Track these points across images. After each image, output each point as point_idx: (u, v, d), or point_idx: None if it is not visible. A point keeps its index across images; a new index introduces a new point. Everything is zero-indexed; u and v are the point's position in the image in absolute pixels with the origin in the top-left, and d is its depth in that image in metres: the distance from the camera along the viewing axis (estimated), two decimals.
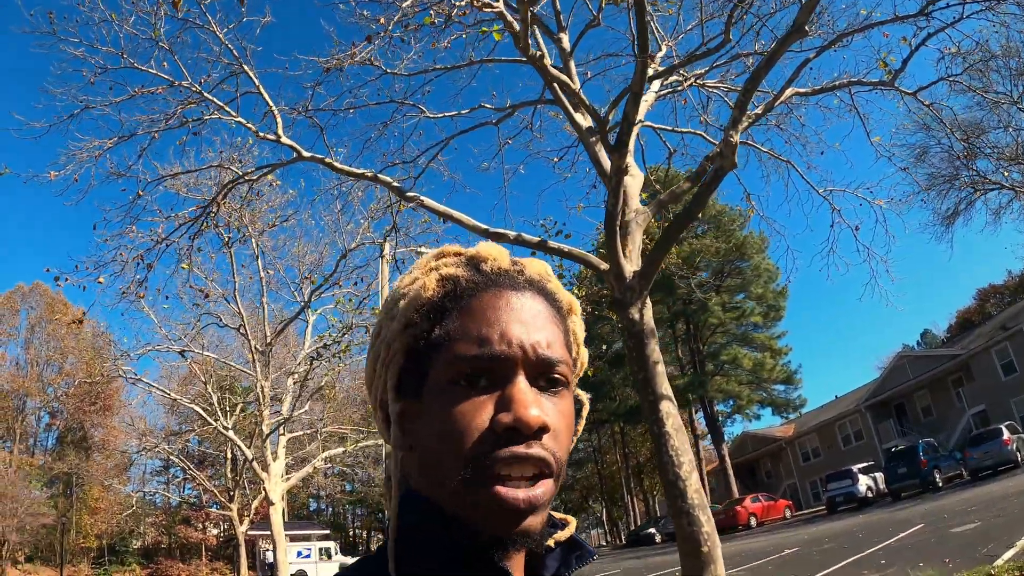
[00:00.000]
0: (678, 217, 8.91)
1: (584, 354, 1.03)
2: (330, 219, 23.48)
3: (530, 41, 8.62)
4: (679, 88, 13.16)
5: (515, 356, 0.86)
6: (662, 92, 12.78)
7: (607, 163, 10.51)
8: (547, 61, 9.17)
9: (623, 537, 65.44)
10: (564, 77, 9.39)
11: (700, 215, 9.28)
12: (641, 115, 11.77)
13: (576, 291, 14.17)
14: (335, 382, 28.66)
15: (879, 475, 36.13)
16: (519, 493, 0.82)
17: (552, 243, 9.54)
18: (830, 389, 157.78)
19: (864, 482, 35.68)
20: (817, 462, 54.22)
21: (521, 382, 0.85)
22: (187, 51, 11.77)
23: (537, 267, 0.97)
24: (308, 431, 30.68)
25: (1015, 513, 15.03)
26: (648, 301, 8.68)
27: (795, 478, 57.09)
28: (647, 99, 11.96)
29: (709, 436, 57.79)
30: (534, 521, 0.83)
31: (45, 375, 62.19)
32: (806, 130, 14.31)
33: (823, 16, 12.48)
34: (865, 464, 37.85)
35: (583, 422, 1.03)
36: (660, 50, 12.54)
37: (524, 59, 9.35)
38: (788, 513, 44.32)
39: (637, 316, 8.45)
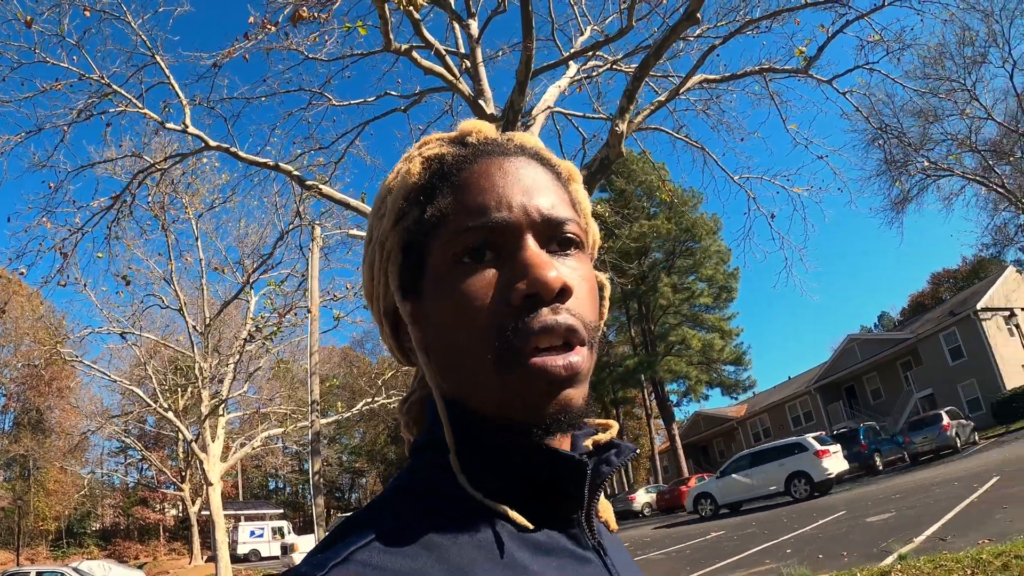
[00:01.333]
0: None
1: (595, 228, 0.94)
2: (269, 201, 23.43)
3: (424, 29, 8.66)
4: (594, 75, 13.17)
5: (518, 220, 0.79)
6: (578, 78, 12.77)
7: None
8: (444, 48, 9.16)
9: None
10: (439, 69, 9.36)
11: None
12: (550, 101, 11.80)
13: None
14: (286, 363, 28.68)
15: None
16: (556, 360, 0.74)
17: None
18: (786, 370, 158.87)
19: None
20: (768, 441, 54.68)
21: (531, 246, 0.78)
22: (102, 42, 11.82)
23: (528, 138, 0.91)
24: (248, 412, 30.71)
25: (929, 504, 15.06)
26: None
27: None
28: (560, 85, 11.95)
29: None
30: (575, 394, 0.76)
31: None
32: (731, 117, 14.32)
33: (736, 2, 12.54)
34: None
35: (607, 304, 0.95)
36: (583, 34, 12.55)
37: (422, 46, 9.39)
38: None
39: None
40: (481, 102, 10.13)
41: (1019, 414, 34.67)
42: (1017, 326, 41.01)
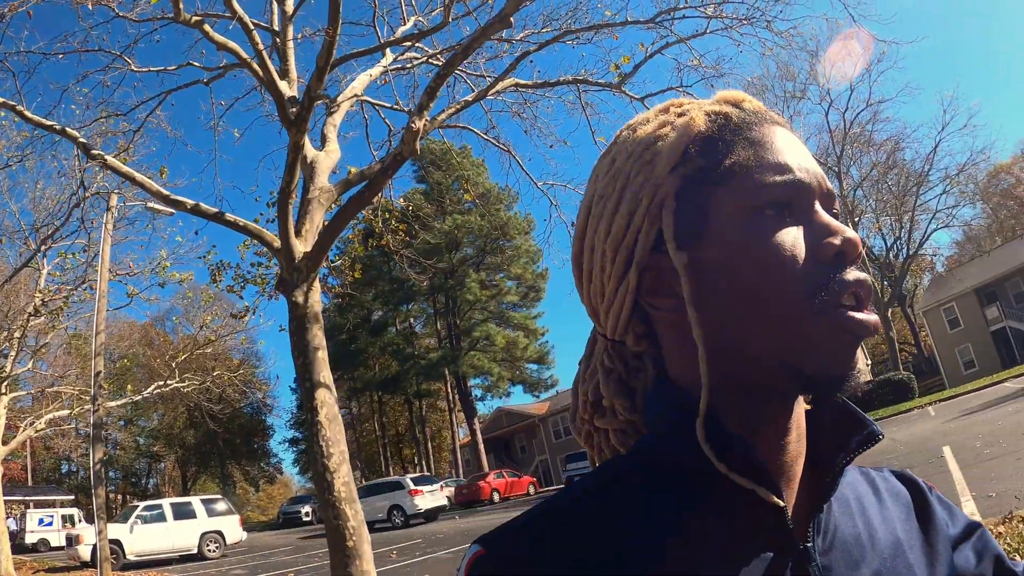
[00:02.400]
0: (350, 201, 8.62)
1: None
2: (69, 165, 21.89)
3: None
4: (409, 66, 12.88)
5: (815, 185, 0.80)
6: (394, 68, 12.48)
7: (329, 132, 10.23)
8: (252, 23, 8.68)
9: None
10: (232, 45, 8.89)
11: (375, 199, 9.05)
12: (359, 89, 11.46)
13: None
14: (80, 337, 27.15)
15: None
16: (869, 316, 0.75)
17: (229, 216, 9.05)
18: None
19: None
20: (569, 439, 55.72)
21: (824, 212, 0.79)
22: None
23: (780, 115, 0.88)
24: (37, 389, 28.83)
25: None
26: (316, 285, 8.38)
27: (547, 454, 58.57)
28: (371, 73, 11.65)
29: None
30: (862, 356, 0.77)
31: None
32: (544, 123, 14.28)
33: (558, 11, 12.53)
34: None
35: None
36: (405, 23, 12.24)
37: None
38: (532, 490, 45.32)
39: (301, 299, 8.13)
40: (284, 83, 9.66)
41: None
42: None
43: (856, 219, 49.11)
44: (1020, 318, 49.98)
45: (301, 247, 8.35)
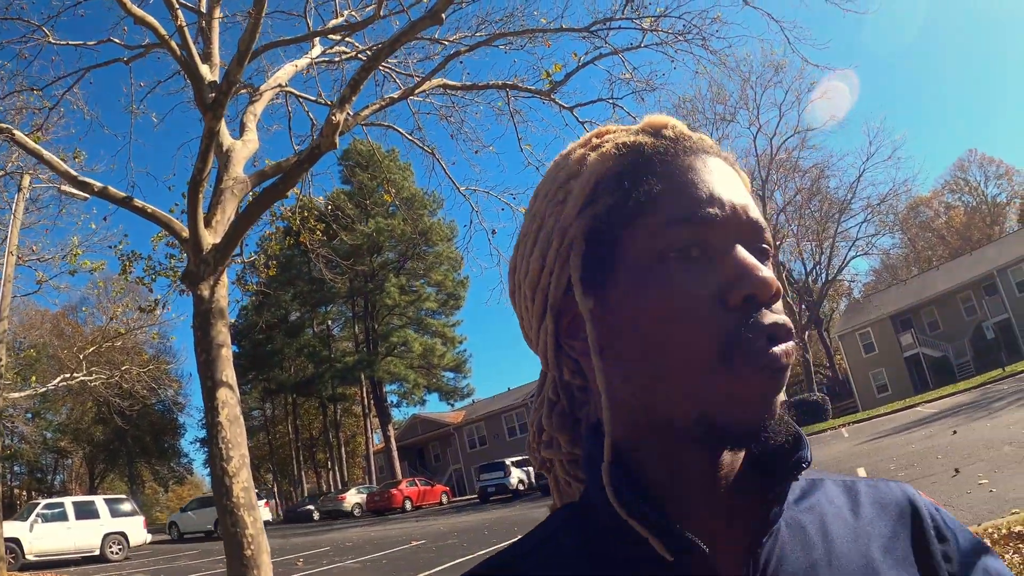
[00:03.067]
0: (263, 193, 8.28)
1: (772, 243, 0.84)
2: None
3: None
4: (337, 60, 12.55)
5: (730, 219, 0.75)
6: (322, 60, 12.16)
7: (249, 121, 9.86)
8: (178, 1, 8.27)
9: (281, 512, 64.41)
10: (150, 19, 8.48)
11: (289, 193, 8.71)
12: (283, 79, 11.10)
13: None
14: None
15: (532, 469, 37.62)
16: (782, 350, 0.71)
17: (137, 202, 8.60)
18: (507, 380, 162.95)
19: (516, 475, 37.20)
20: (484, 450, 55.67)
21: (741, 248, 0.75)
22: None
23: (708, 139, 0.84)
24: None
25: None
26: (224, 279, 7.98)
27: (461, 464, 58.31)
28: (297, 64, 11.32)
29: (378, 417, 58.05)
30: (779, 400, 0.74)
31: None
32: (470, 127, 14.07)
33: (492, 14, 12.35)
34: (520, 457, 39.18)
35: None
36: (338, 16, 11.92)
37: None
38: (445, 499, 45.30)
39: (207, 293, 7.73)
40: (206, 67, 9.23)
41: None
42: None
43: (778, 243, 49.88)
44: (933, 345, 51.90)
45: (210, 238, 7.95)
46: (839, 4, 11.92)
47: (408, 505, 41.37)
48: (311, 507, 47.13)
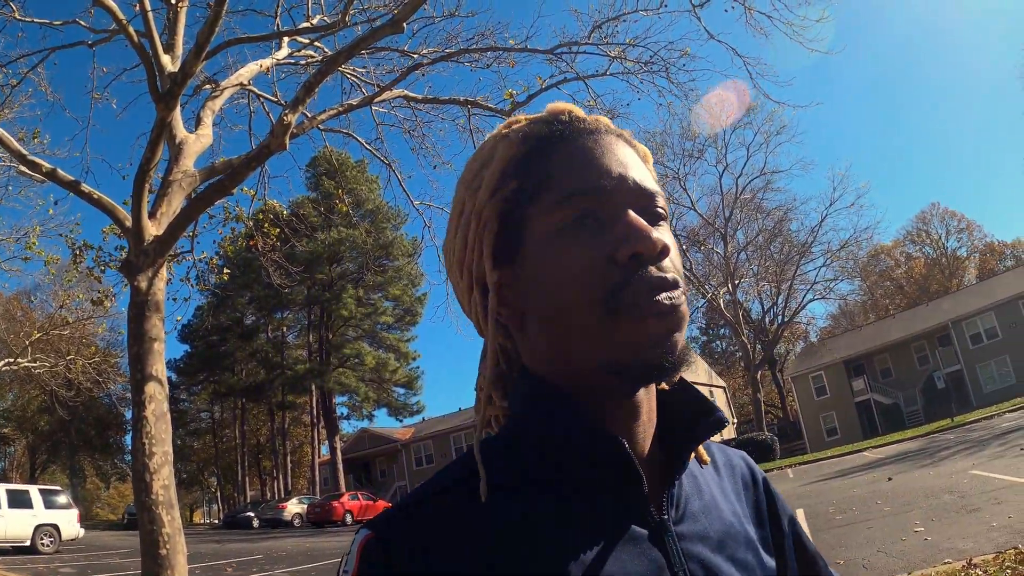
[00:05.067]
0: (208, 189, 8.18)
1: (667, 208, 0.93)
2: None
3: None
4: (302, 63, 12.47)
5: (620, 189, 0.84)
6: (285, 61, 12.07)
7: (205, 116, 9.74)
8: None
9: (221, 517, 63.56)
10: (109, 2, 8.37)
11: (234, 190, 8.57)
12: (245, 77, 11.00)
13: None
14: None
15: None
16: (668, 299, 0.79)
17: (84, 187, 8.46)
18: (459, 401, 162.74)
19: None
20: (431, 468, 55.30)
21: (631, 212, 0.83)
22: None
23: (610, 122, 0.93)
24: None
25: None
26: (163, 272, 7.85)
27: (407, 481, 57.91)
28: (262, 63, 11.23)
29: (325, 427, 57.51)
30: (679, 337, 0.81)
31: None
32: (432, 142, 14.02)
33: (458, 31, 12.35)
34: None
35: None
36: (309, 21, 11.85)
37: None
38: None
39: (144, 284, 7.59)
40: (168, 57, 9.10)
41: None
42: None
43: (736, 282, 50.27)
44: (884, 392, 52.66)
45: (153, 229, 7.82)
46: (804, 43, 12.06)
47: (349, 519, 40.92)
48: (251, 514, 46.49)
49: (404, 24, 8.38)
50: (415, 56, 12.09)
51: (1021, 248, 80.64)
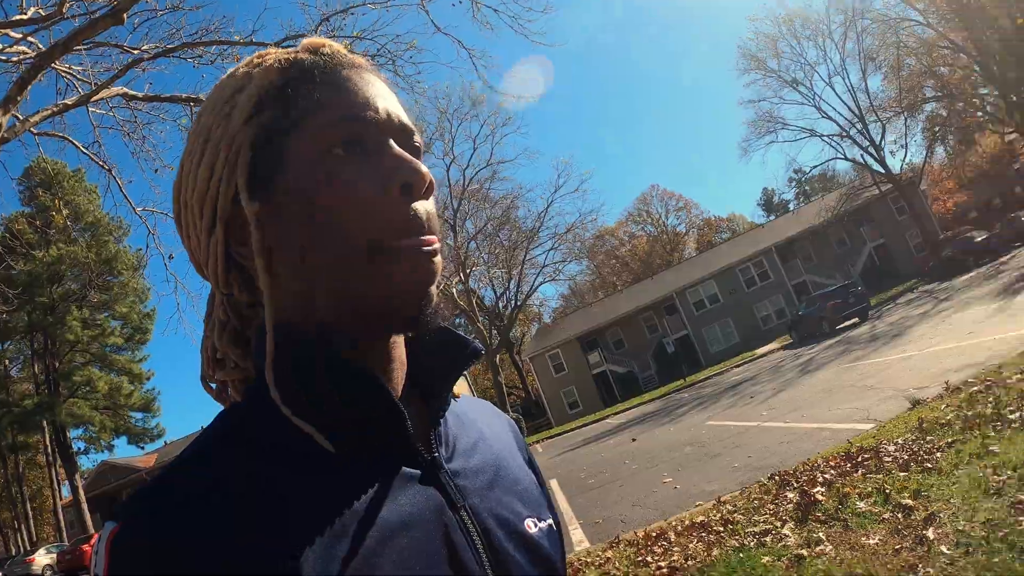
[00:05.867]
0: None
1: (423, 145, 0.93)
2: None
3: None
4: (14, 60, 11.67)
5: (384, 121, 0.83)
6: None
7: None
8: None
9: None
10: None
11: None
12: None
13: None
14: None
15: None
16: (425, 243, 0.80)
17: None
18: (200, 419, 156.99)
19: None
20: None
21: (396, 146, 0.83)
22: None
23: (363, 58, 0.92)
24: None
25: None
26: None
27: None
28: None
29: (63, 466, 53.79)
30: (433, 289, 0.82)
31: None
32: (152, 145, 13.42)
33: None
34: None
35: None
36: (23, 13, 11.07)
37: None
38: None
39: None
40: None
41: None
42: None
43: (468, 271, 51.34)
44: (619, 362, 56.42)
45: None
46: (528, 36, 12.53)
47: None
48: None
49: (125, 16, 8.09)
50: (136, 52, 11.60)
51: (735, 222, 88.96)
